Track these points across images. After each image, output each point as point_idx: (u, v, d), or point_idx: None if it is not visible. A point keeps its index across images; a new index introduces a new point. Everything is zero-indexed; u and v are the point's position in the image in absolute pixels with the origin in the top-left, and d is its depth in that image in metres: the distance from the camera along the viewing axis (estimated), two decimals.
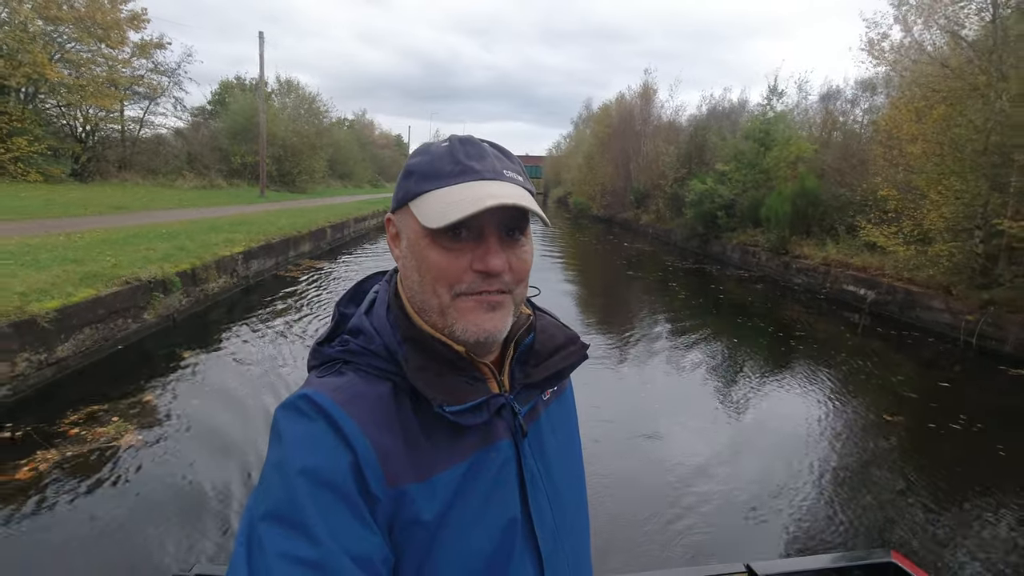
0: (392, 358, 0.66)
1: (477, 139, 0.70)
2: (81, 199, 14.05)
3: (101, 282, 6.03)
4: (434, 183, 0.65)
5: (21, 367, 4.76)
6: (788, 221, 14.98)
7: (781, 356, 8.01)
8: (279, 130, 27.28)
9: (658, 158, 26.58)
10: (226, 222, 12.41)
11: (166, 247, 8.36)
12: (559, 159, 62.73)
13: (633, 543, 3.44)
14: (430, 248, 0.65)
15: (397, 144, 73.74)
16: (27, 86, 15.68)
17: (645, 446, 4.82)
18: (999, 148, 7.90)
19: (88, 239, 8.21)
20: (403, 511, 0.60)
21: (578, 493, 0.82)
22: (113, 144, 20.13)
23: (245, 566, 0.54)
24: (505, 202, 0.62)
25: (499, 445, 0.68)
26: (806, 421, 5.51)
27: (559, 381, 0.78)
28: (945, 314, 9.59)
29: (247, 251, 10.00)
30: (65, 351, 5.28)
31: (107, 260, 6.87)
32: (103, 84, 17.36)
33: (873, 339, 9.15)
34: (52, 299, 5.22)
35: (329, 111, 35.54)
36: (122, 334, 6.22)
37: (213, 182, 23.29)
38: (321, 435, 0.58)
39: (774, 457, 4.72)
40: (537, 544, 0.69)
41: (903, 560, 1.39)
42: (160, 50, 18.80)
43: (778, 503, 3.95)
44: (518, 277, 0.68)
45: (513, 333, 0.72)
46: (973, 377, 7.55)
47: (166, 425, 4.55)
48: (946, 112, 8.60)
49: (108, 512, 3.40)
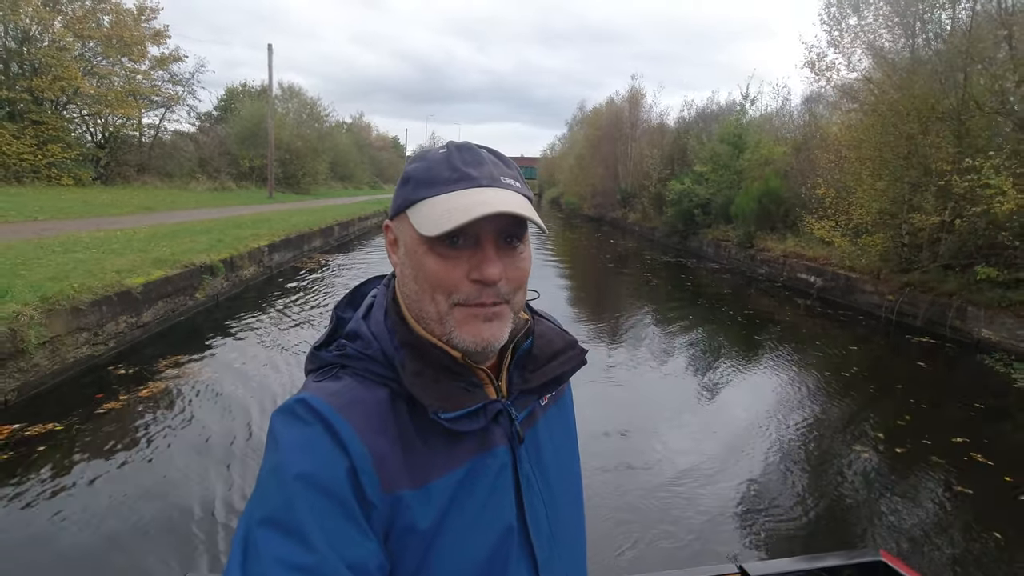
0: (389, 363, 0.66)
1: (474, 145, 0.70)
2: (111, 200, 15.48)
3: (167, 266, 7.50)
4: (431, 190, 0.65)
5: (122, 327, 6.22)
6: (754, 218, 16.51)
7: (741, 337, 9.38)
8: (284, 135, 28.71)
9: (643, 160, 28.11)
10: (247, 220, 13.88)
11: (206, 240, 9.82)
12: (553, 160, 64.31)
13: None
14: (427, 256, 0.65)
15: (394, 146, 75.07)
16: (60, 97, 17.12)
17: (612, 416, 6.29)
18: (917, 155, 9.44)
19: (142, 234, 9.67)
20: (399, 518, 0.60)
21: (575, 499, 0.82)
22: (131, 149, 21.55)
23: (240, 572, 0.54)
24: (501, 209, 0.61)
25: (496, 451, 0.68)
26: (755, 390, 6.59)
27: (557, 386, 0.78)
28: (874, 296, 11.12)
29: (271, 244, 11.48)
30: (147, 317, 6.75)
31: (165, 249, 8.33)
32: (124, 94, 18.80)
33: (818, 319, 10.65)
34: (138, 277, 6.69)
35: (329, 115, 37.10)
36: (182, 308, 7.69)
37: (224, 185, 24.72)
38: (317, 440, 0.59)
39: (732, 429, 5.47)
40: (533, 551, 0.69)
41: (891, 559, 1.43)
42: (177, 63, 20.25)
43: (739, 467, 4.44)
44: (516, 285, 0.67)
45: (511, 338, 0.70)
46: (894, 348, 9.01)
47: (223, 372, 6.03)
48: (872, 122, 10.15)
49: (202, 409, 4.88)
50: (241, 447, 4.37)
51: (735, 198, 18.09)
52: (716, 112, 27.64)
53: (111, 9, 17.58)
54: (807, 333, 9.63)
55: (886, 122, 9.45)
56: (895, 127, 9.24)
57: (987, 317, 8.60)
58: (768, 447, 4.90)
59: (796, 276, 13.96)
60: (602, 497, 3.88)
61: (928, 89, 8.79)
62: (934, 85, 8.74)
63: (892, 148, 9.61)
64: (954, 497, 4.20)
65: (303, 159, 30.60)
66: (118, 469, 3.96)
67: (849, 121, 10.98)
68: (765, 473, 4.43)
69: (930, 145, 8.91)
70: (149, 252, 7.97)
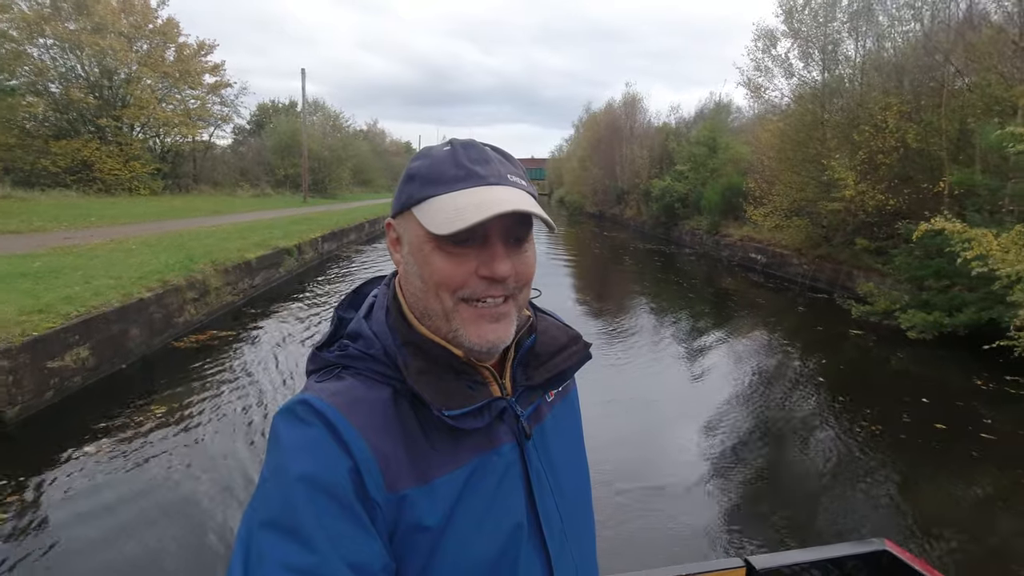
0: (392, 362, 0.66)
1: (479, 143, 0.70)
2: (184, 206, 18.86)
3: (263, 248, 10.72)
4: (438, 188, 0.65)
5: (243, 288, 9.43)
6: (719, 209, 19.39)
7: (700, 306, 12.41)
8: (312, 145, 32.13)
9: (635, 160, 31.04)
10: (299, 218, 17.18)
11: (278, 232, 13.05)
12: (560, 161, 67.17)
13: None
14: (434, 253, 0.65)
15: (407, 151, 78.52)
16: (137, 123, 20.69)
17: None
18: (807, 157, 12.37)
19: (231, 229, 12.93)
20: (404, 517, 0.60)
21: (584, 494, 0.82)
22: (186, 162, 25.08)
23: (242, 574, 0.54)
24: (515, 208, 0.62)
25: (501, 449, 0.68)
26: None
27: (562, 382, 0.78)
28: (799, 267, 14.02)
29: (322, 236, 14.74)
30: (256, 282, 9.97)
31: (255, 238, 11.55)
32: (186, 116, 22.31)
33: (759, 288, 13.58)
34: (250, 253, 9.90)
35: (349, 125, 40.60)
36: (274, 278, 10.91)
37: (263, 191, 28.21)
38: (320, 441, 0.59)
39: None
40: (546, 546, 0.69)
41: (896, 548, 1.45)
42: (226, 88, 23.76)
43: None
44: (522, 282, 0.68)
45: (514, 336, 0.70)
46: (800, 304, 11.93)
47: (306, 312, 9.19)
48: (785, 128, 13.09)
49: (298, 324, 8.02)
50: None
51: (705, 193, 20.98)
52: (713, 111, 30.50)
53: (177, 47, 21.14)
54: (749, 298, 12.66)
55: (791, 131, 12.40)
56: (795, 134, 12.18)
57: (864, 277, 11.49)
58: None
59: (748, 256, 16.85)
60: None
61: (808, 108, 11.72)
62: (813, 105, 11.67)
63: (796, 151, 12.54)
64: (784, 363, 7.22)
65: (330, 167, 34.10)
66: (269, 351, 7.13)
67: (774, 129, 13.94)
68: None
69: (811, 149, 11.86)
70: (248, 239, 11.20)
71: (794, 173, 12.81)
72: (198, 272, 7.93)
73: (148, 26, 20.41)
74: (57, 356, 4.97)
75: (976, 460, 4.73)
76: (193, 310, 7.58)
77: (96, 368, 5.50)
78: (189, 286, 7.52)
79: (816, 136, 11.98)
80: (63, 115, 19.27)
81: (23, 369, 4.58)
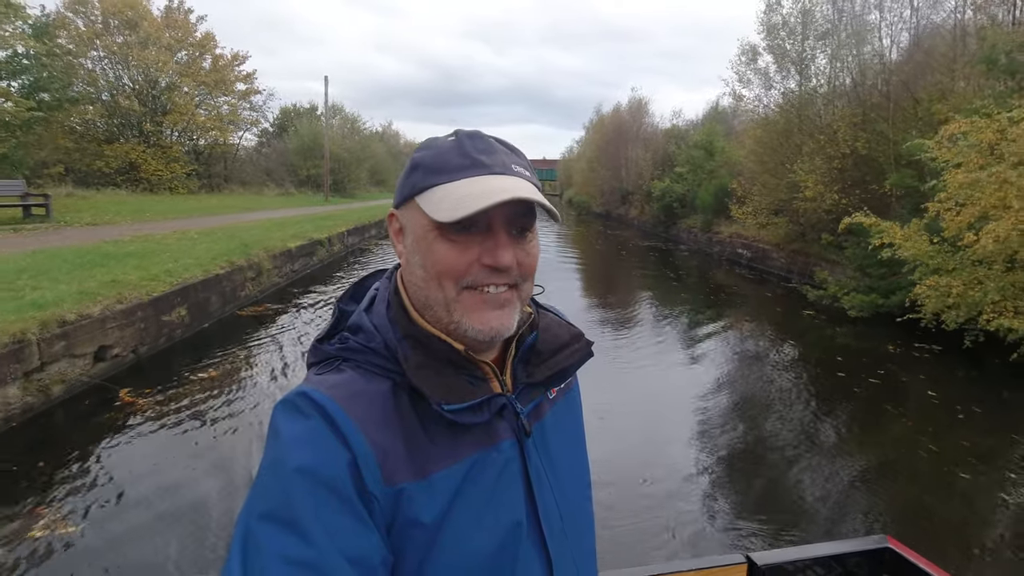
0: (392, 356, 0.66)
1: (484, 134, 0.70)
2: (219, 203, 20.68)
3: (300, 239, 12.41)
4: (443, 177, 0.65)
5: (286, 271, 11.11)
6: (712, 208, 20.80)
7: (684, 291, 13.96)
8: (332, 147, 33.99)
9: (639, 162, 32.48)
10: (324, 215, 18.92)
11: (309, 226, 14.75)
12: (570, 162, 68.61)
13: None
14: (438, 241, 0.65)
15: None
16: (177, 127, 22.65)
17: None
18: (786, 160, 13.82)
19: (268, 223, 14.66)
20: (402, 510, 0.60)
21: (584, 492, 0.82)
22: (218, 163, 27.02)
23: (240, 567, 0.54)
24: (519, 195, 0.62)
25: (501, 446, 0.68)
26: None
27: (563, 380, 0.78)
28: (778, 261, 15.45)
29: (347, 231, 16.45)
30: (295, 267, 11.65)
31: (292, 230, 13.25)
32: (220, 121, 24.23)
33: (743, 281, 15.04)
34: (291, 243, 11.59)
35: (366, 127, 42.48)
36: (309, 265, 12.59)
37: (287, 191, 30.09)
38: (318, 433, 0.59)
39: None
40: (545, 544, 0.69)
41: (898, 544, 1.45)
42: (255, 95, 25.71)
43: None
44: (526, 272, 0.68)
45: (515, 332, 0.70)
46: (773, 292, 13.41)
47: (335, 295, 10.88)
48: (762, 135, 14.55)
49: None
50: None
51: (699, 193, 22.40)
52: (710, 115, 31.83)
53: (214, 57, 23.08)
54: (731, 288, 14.17)
55: (767, 137, 13.86)
56: (771, 140, 13.64)
57: (827, 267, 12.92)
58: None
59: (735, 251, 18.28)
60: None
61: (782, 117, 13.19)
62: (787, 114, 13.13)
63: (771, 156, 14.00)
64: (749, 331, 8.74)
65: (348, 167, 35.95)
66: (311, 319, 8.76)
67: (754, 135, 15.40)
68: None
69: (782, 154, 13.32)
70: (285, 231, 12.91)
71: (770, 175, 14.27)
72: (254, 256, 9.62)
73: (188, 39, 22.36)
74: (166, 312, 6.65)
75: (891, 411, 6.18)
76: (251, 287, 9.26)
77: (190, 325, 7.19)
78: (249, 267, 9.21)
79: (789, 143, 13.44)
80: (111, 120, 21.27)
81: (149, 319, 6.27)
